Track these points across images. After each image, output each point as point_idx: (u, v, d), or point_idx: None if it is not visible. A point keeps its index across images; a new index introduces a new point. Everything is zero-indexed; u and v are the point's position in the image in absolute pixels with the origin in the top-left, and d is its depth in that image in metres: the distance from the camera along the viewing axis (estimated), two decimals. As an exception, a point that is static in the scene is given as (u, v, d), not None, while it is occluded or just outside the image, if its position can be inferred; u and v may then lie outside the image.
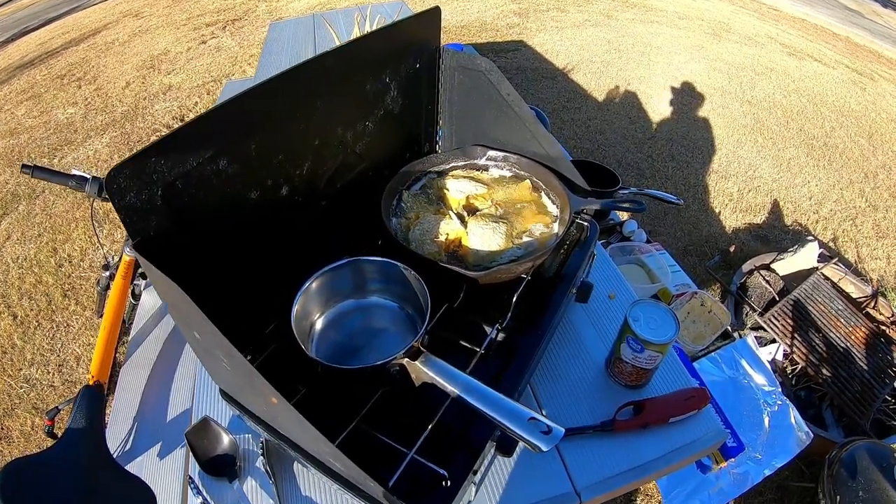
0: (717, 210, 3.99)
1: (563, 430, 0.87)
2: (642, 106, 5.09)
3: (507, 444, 0.98)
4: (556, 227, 1.33)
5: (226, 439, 1.23)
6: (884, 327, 2.85)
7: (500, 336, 1.21)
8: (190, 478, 1.19)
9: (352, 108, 1.26)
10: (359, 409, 1.04)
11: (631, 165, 4.36)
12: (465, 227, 1.32)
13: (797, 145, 4.71)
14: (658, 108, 5.08)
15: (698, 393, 1.31)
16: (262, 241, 1.11)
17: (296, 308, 1.08)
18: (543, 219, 1.36)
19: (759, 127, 4.90)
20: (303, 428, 0.80)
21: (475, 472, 1.01)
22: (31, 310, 3.31)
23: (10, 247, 3.75)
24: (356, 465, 0.78)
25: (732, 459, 1.73)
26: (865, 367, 2.62)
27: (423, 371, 1.00)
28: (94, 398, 1.38)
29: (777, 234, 3.83)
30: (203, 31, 7.12)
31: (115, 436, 1.40)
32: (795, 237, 3.73)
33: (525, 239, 1.30)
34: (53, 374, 2.96)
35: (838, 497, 2.10)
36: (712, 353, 2.12)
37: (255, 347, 1.13)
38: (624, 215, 2.71)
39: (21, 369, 2.99)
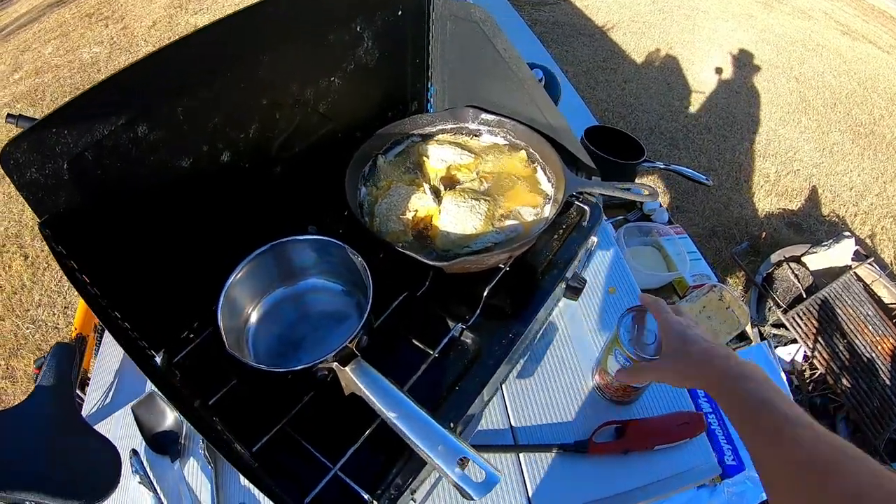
0: (751, 191, 3.78)
1: (499, 476, 0.74)
2: (682, 72, 4.82)
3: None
4: (547, 210, 1.12)
5: (171, 416, 1.20)
6: (914, 340, 2.64)
7: (467, 336, 1.03)
8: (134, 451, 1.15)
9: (311, 63, 1.07)
10: (286, 412, 0.95)
11: (664, 134, 4.15)
12: (439, 203, 1.11)
13: (843, 130, 4.44)
14: (699, 75, 4.80)
15: (693, 419, 1.17)
16: (201, 215, 0.98)
17: (222, 301, 0.95)
18: (534, 199, 1.15)
19: (805, 106, 4.62)
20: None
21: (413, 492, 0.92)
22: (42, 251, 3.30)
23: (25, 188, 3.71)
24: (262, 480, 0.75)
25: (730, 479, 1.55)
26: (888, 383, 2.43)
27: (352, 380, 0.85)
28: (65, 355, 1.34)
29: (812, 223, 3.62)
30: (233, -32, 6.89)
31: (97, 389, 1.36)
32: (831, 229, 3.52)
33: (508, 222, 1.09)
34: (59, 315, 2.98)
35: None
36: (724, 357, 1.93)
37: (196, 330, 1.06)
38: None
39: (29, 310, 3.01)
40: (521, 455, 1.10)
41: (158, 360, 0.94)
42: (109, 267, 0.83)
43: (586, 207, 1.23)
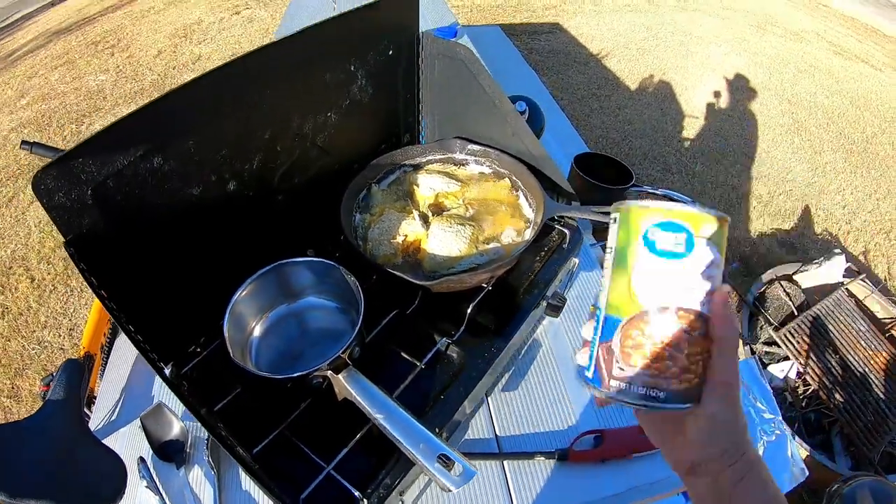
0: (743, 212, 3.83)
1: (475, 470, 0.82)
2: (676, 97, 4.90)
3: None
4: (528, 234, 1.20)
5: (177, 426, 1.23)
6: (908, 353, 2.68)
7: (452, 350, 1.10)
8: (141, 458, 1.18)
9: (309, 100, 1.17)
10: (285, 417, 1.03)
11: (657, 159, 4.21)
12: (427, 228, 1.20)
13: (835, 149, 4.50)
14: (692, 100, 4.89)
15: None
16: (210, 238, 1.07)
17: (227, 316, 1.03)
18: (517, 223, 1.23)
19: (797, 127, 4.69)
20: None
21: (402, 493, 0.99)
22: (48, 273, 3.35)
23: (33, 211, 3.77)
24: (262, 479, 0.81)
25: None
26: (882, 396, 2.47)
27: (344, 387, 0.94)
28: (74, 371, 1.38)
29: (805, 242, 3.66)
30: (237, 1, 7.02)
31: (104, 406, 1.39)
32: (824, 247, 3.56)
33: (491, 245, 1.18)
34: (64, 337, 3.01)
35: (834, 536, 1.97)
36: (711, 372, 1.98)
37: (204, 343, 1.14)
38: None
39: (35, 331, 3.05)
40: (505, 462, 1.15)
41: (168, 371, 1.01)
42: (126, 284, 0.90)
43: (567, 231, 1.30)
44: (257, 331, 1.15)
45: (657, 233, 0.54)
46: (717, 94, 4.99)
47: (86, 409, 1.67)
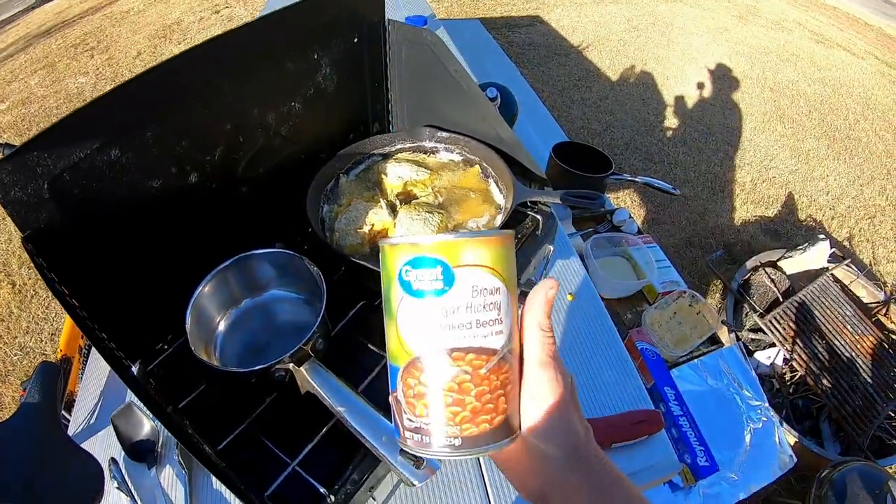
0: (726, 200, 3.84)
1: (439, 463, 0.80)
2: (657, 88, 4.90)
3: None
4: (498, 220, 1.16)
5: (147, 426, 1.21)
6: (894, 337, 2.67)
7: None
8: (113, 459, 1.17)
9: (272, 89, 1.13)
10: (250, 412, 1.00)
11: (639, 149, 4.20)
12: (395, 217, 1.16)
13: (818, 136, 4.51)
14: (674, 90, 4.89)
15: (651, 417, 1.17)
16: (173, 231, 1.03)
17: (189, 311, 1.00)
18: (487, 209, 1.20)
19: (780, 115, 4.70)
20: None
21: (372, 489, 0.96)
22: (29, 279, 3.34)
23: (14, 216, 3.75)
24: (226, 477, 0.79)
25: (704, 480, 1.57)
26: (869, 380, 2.46)
27: (306, 379, 0.91)
28: (49, 374, 1.36)
29: (789, 228, 3.67)
30: (217, 0, 6.97)
31: (83, 409, 1.37)
32: (808, 233, 3.57)
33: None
34: (46, 342, 3.00)
35: (824, 522, 1.95)
36: (695, 360, 1.96)
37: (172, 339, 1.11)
38: (616, 203, 2.54)
39: (16, 337, 3.03)
40: (481, 457, 1.13)
41: (135, 369, 0.98)
42: (87, 280, 0.87)
43: (540, 217, 1.27)
44: (222, 325, 1.11)
45: (410, 272, 0.48)
46: (698, 84, 4.99)
47: (65, 413, 1.65)
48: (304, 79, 1.19)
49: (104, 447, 1.22)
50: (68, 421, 1.39)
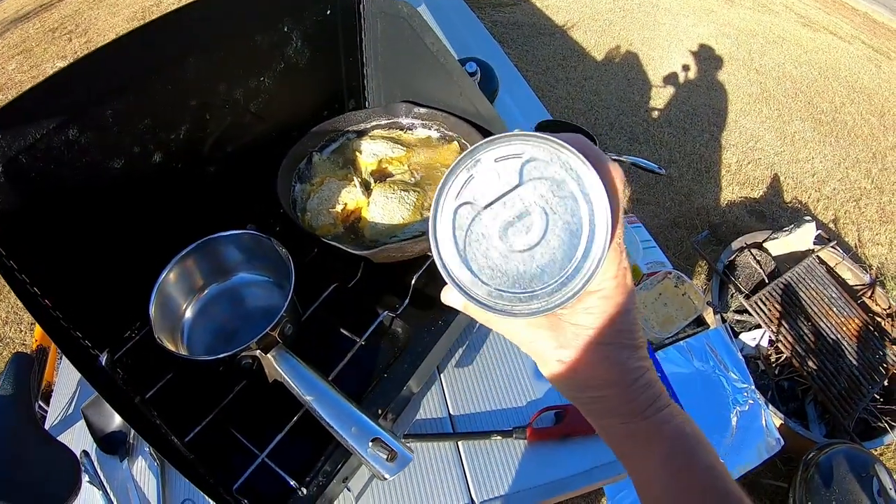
0: (712, 181, 3.81)
1: (411, 455, 0.76)
2: (643, 68, 4.84)
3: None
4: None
5: (118, 417, 1.18)
6: (879, 319, 2.66)
7: (397, 324, 1.03)
8: (85, 452, 1.14)
9: (239, 64, 1.07)
10: (218, 402, 0.97)
11: (624, 129, 4.16)
12: (369, 195, 1.11)
13: (804, 118, 4.49)
14: (659, 70, 4.83)
15: None
16: (139, 215, 0.99)
17: (154, 297, 0.96)
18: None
19: (766, 97, 4.67)
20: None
21: (346, 479, 0.96)
22: None
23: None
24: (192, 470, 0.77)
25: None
26: (855, 363, 2.45)
27: (273, 367, 0.87)
28: (23, 364, 1.34)
29: (775, 210, 3.65)
30: (198, -23, 6.87)
31: (60, 400, 1.34)
32: (794, 215, 3.55)
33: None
34: (26, 332, 2.94)
35: (810, 504, 1.94)
36: (681, 342, 1.93)
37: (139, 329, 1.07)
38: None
39: None
40: (459, 443, 1.10)
41: (103, 359, 0.93)
42: (49, 268, 0.84)
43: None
44: (189, 312, 1.07)
45: None
46: (684, 65, 4.94)
47: (42, 404, 1.61)
48: (274, 53, 1.13)
49: (81, 439, 1.19)
50: (45, 412, 1.38)
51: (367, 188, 1.14)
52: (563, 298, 0.43)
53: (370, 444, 0.74)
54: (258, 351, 0.87)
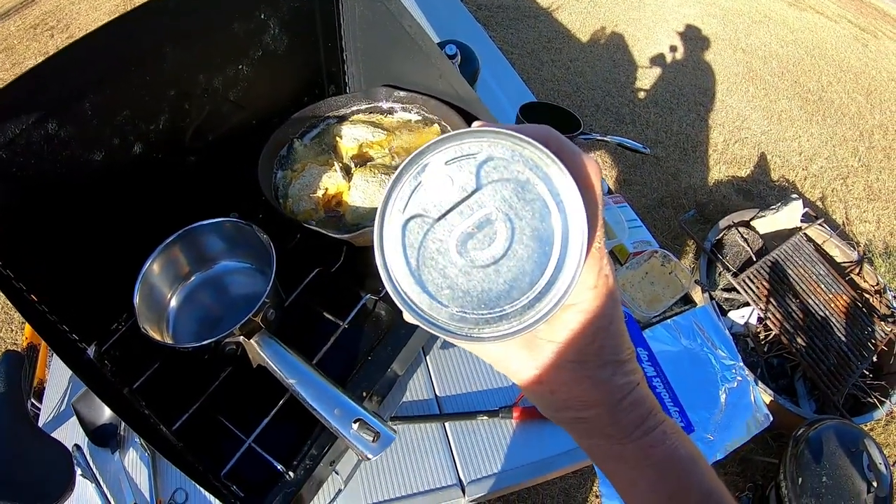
0: (699, 160, 3.82)
1: (393, 434, 0.76)
2: (629, 49, 4.83)
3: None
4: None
5: (108, 410, 1.17)
6: (867, 296, 2.67)
7: (380, 307, 1.04)
8: (77, 446, 1.14)
9: (216, 53, 1.07)
10: (205, 389, 0.98)
11: (610, 110, 4.16)
12: (350, 180, 1.11)
13: (790, 97, 4.50)
14: (645, 51, 4.82)
15: None
16: (121, 206, 0.99)
17: (138, 287, 0.97)
18: (448, 169, 1.14)
19: (752, 76, 4.67)
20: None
21: (333, 463, 0.96)
22: None
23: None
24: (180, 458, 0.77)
25: (679, 441, 1.55)
26: (843, 339, 2.46)
27: (257, 352, 0.87)
28: (14, 362, 1.35)
29: (762, 189, 3.66)
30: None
31: (52, 396, 1.34)
32: (781, 194, 3.56)
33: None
34: (17, 332, 2.93)
35: (800, 480, 1.96)
36: (668, 320, 1.93)
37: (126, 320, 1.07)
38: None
39: None
40: (446, 424, 1.11)
41: (91, 352, 0.94)
42: (35, 263, 0.84)
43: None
44: (174, 301, 1.07)
45: None
46: (670, 46, 4.93)
47: (34, 401, 1.61)
48: (252, 40, 1.13)
49: (74, 434, 1.19)
50: (38, 409, 1.37)
51: (347, 173, 1.13)
52: (537, 317, 0.38)
53: (353, 425, 0.75)
54: (241, 337, 0.87)
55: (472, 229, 0.38)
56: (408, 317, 0.40)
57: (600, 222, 0.40)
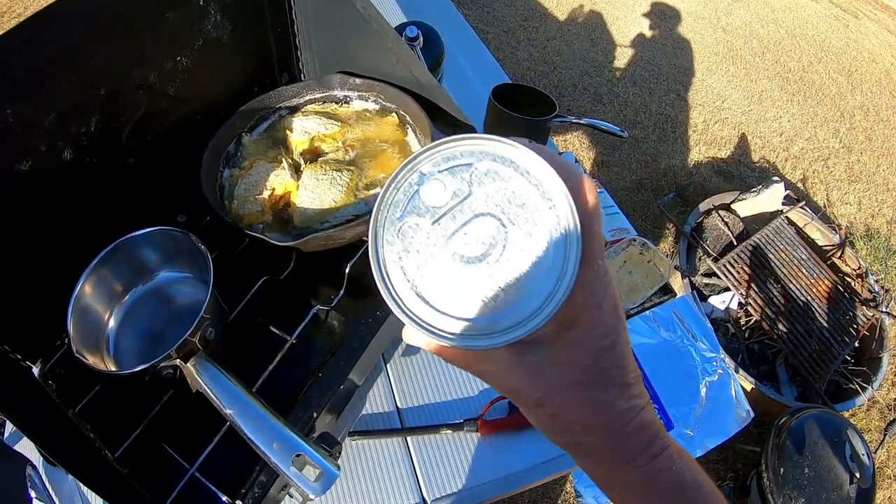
0: (678, 141, 3.78)
1: (337, 472, 0.70)
2: (607, 28, 4.75)
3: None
4: (417, 175, 1.04)
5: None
6: (849, 280, 2.64)
7: (333, 317, 0.97)
8: (33, 466, 1.08)
9: (150, 45, 0.97)
10: (146, 413, 0.90)
11: (587, 90, 4.09)
12: (299, 178, 1.03)
13: (771, 77, 4.46)
14: (624, 30, 4.75)
15: None
16: (55, 216, 0.91)
17: (72, 306, 0.88)
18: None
19: (732, 56, 4.62)
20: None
21: (287, 487, 0.89)
22: None
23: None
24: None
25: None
26: (825, 324, 2.44)
27: (194, 377, 0.80)
28: None
29: (742, 170, 3.63)
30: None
31: None
32: (762, 175, 3.54)
33: (373, 191, 1.01)
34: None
35: (782, 470, 1.92)
36: (646, 312, 1.88)
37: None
38: (562, 147, 2.44)
39: None
40: (408, 439, 1.05)
41: (36, 371, 0.88)
42: None
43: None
44: (113, 321, 0.98)
45: None
46: (649, 24, 4.86)
47: None
48: (190, 29, 1.03)
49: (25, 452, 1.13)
50: (4, 423, 1.31)
51: (296, 170, 1.05)
52: (535, 322, 0.37)
53: (293, 459, 0.68)
54: (178, 360, 0.80)
55: (466, 234, 0.39)
56: (411, 334, 0.41)
57: (600, 236, 0.40)
